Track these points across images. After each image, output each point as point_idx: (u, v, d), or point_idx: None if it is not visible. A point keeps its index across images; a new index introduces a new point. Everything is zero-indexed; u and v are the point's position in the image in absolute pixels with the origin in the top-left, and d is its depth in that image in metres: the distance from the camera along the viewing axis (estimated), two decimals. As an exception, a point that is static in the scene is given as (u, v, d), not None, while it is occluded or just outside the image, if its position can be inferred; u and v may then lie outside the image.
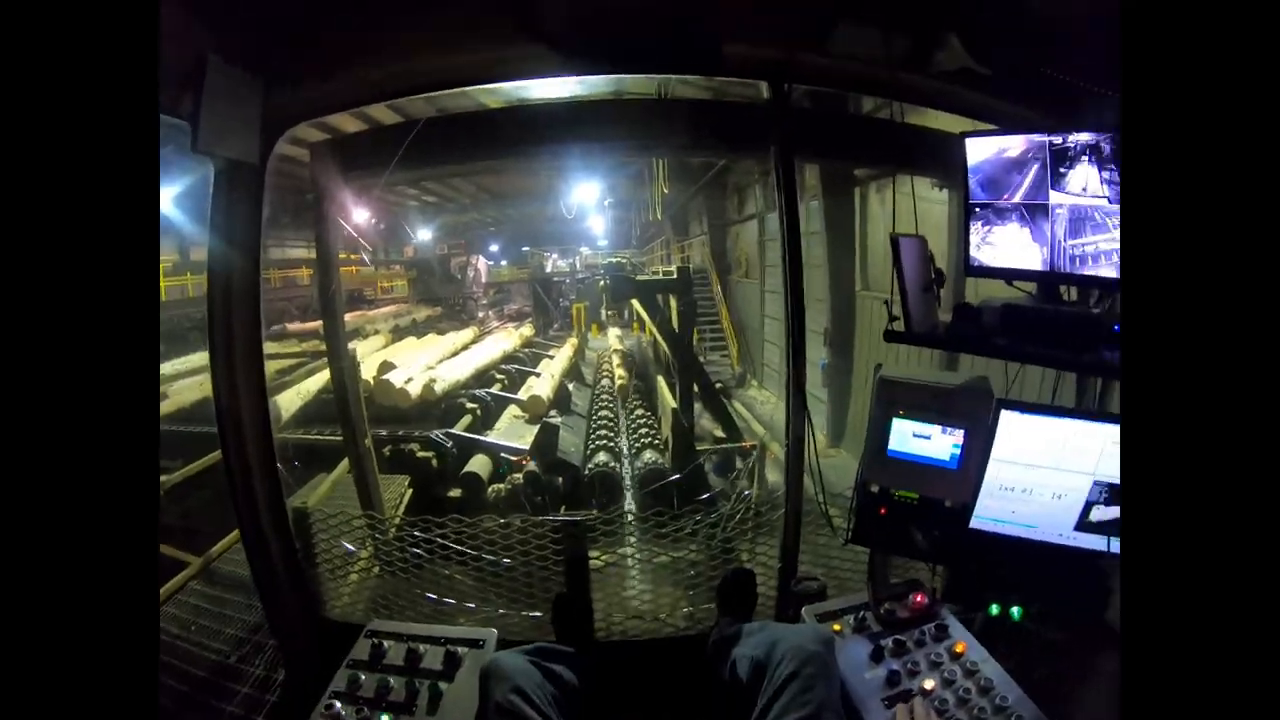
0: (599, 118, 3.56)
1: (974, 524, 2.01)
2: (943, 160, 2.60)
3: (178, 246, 18.04)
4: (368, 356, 11.46)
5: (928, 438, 1.97)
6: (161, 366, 10.14)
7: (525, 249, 29.83)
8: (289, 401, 8.95)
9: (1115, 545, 1.94)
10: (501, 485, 7.87)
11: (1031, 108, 3.01)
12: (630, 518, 4.28)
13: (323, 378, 9.10)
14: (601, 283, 10.20)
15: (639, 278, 10.73)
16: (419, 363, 11.37)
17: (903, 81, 2.84)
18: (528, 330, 18.26)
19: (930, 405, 1.96)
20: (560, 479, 8.46)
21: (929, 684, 1.83)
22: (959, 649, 1.93)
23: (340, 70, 2.49)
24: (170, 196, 6.62)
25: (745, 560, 3.31)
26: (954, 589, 2.26)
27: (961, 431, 1.93)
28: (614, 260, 16.62)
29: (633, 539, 4.01)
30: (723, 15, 2.55)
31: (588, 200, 19.10)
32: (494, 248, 29.73)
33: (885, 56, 2.65)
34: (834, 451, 10.22)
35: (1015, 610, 2.12)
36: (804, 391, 2.64)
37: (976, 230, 1.98)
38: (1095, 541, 1.93)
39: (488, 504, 7.52)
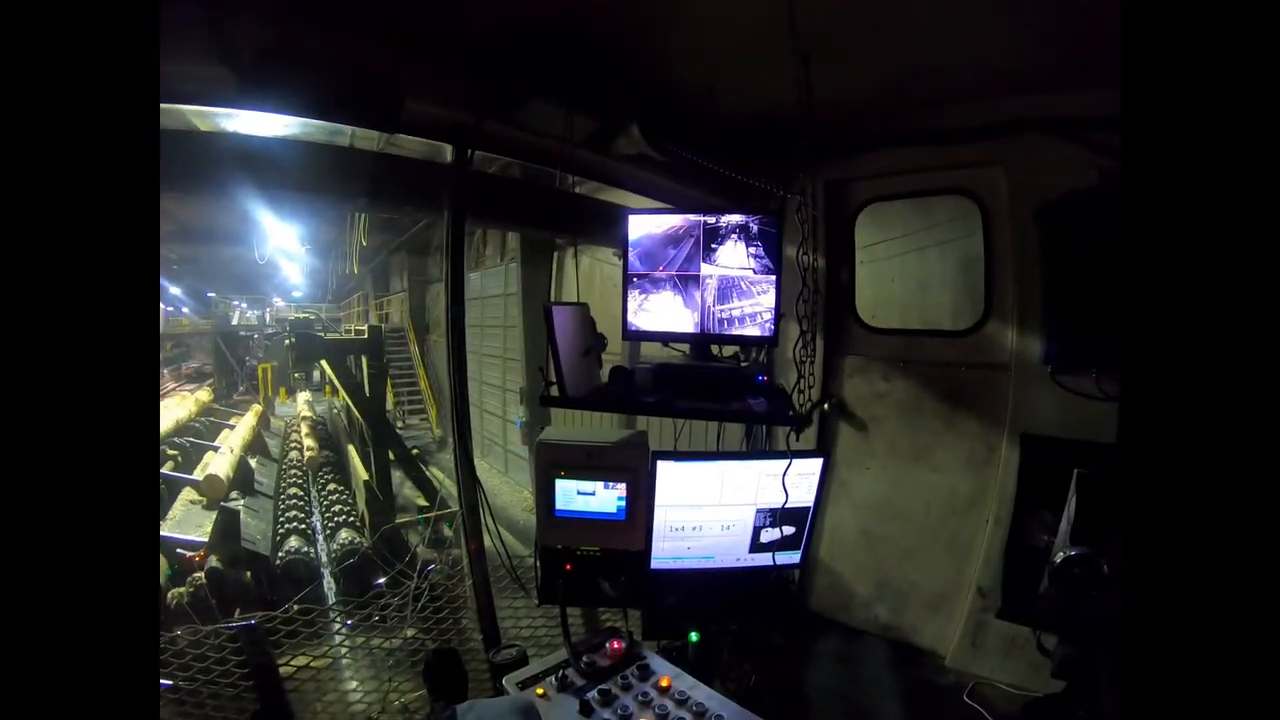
0: (295, 159, 3.14)
1: (655, 565, 2.18)
2: (619, 233, 2.89)
3: None
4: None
5: (592, 494, 2.05)
6: None
7: (211, 295, 25.63)
8: None
9: (785, 559, 2.25)
10: (182, 589, 6.44)
11: (698, 190, 3.53)
12: (325, 609, 3.76)
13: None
14: (288, 341, 9.01)
15: (329, 336, 9.74)
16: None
17: (584, 159, 3.10)
18: (205, 395, 15.30)
19: (589, 463, 2.05)
20: (249, 573, 7.18)
21: None
22: (664, 683, 2.01)
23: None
24: None
25: (460, 634, 3.13)
26: (652, 628, 2.38)
27: (623, 485, 2.05)
28: (303, 315, 14.82)
29: (340, 630, 3.56)
30: (410, 73, 2.50)
31: (285, 244, 16.99)
32: (175, 290, 24.39)
33: (569, 135, 2.87)
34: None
35: (715, 632, 2.30)
36: (472, 463, 2.61)
37: (634, 298, 2.21)
38: (769, 559, 2.22)
39: (169, 613, 6.08)
